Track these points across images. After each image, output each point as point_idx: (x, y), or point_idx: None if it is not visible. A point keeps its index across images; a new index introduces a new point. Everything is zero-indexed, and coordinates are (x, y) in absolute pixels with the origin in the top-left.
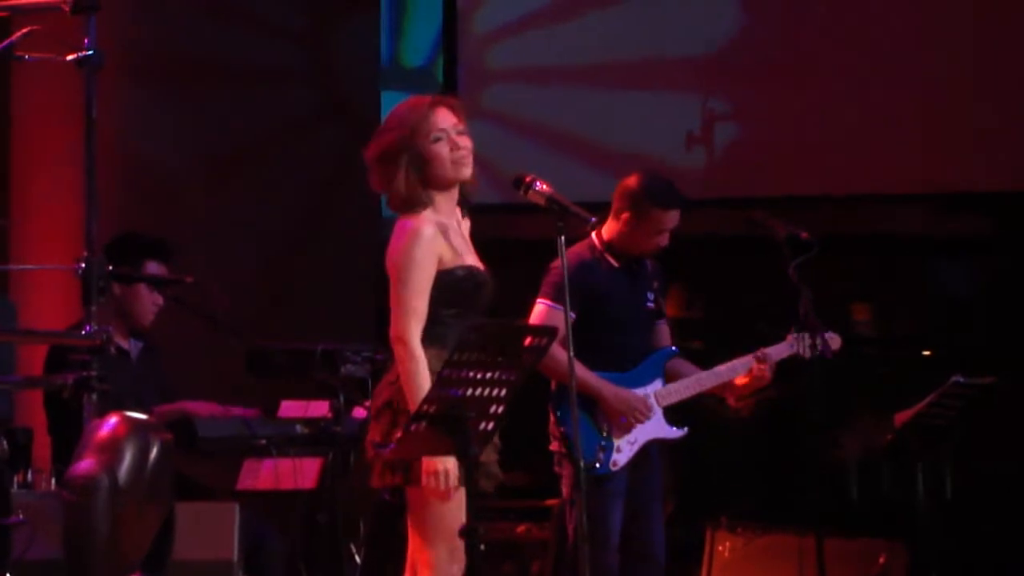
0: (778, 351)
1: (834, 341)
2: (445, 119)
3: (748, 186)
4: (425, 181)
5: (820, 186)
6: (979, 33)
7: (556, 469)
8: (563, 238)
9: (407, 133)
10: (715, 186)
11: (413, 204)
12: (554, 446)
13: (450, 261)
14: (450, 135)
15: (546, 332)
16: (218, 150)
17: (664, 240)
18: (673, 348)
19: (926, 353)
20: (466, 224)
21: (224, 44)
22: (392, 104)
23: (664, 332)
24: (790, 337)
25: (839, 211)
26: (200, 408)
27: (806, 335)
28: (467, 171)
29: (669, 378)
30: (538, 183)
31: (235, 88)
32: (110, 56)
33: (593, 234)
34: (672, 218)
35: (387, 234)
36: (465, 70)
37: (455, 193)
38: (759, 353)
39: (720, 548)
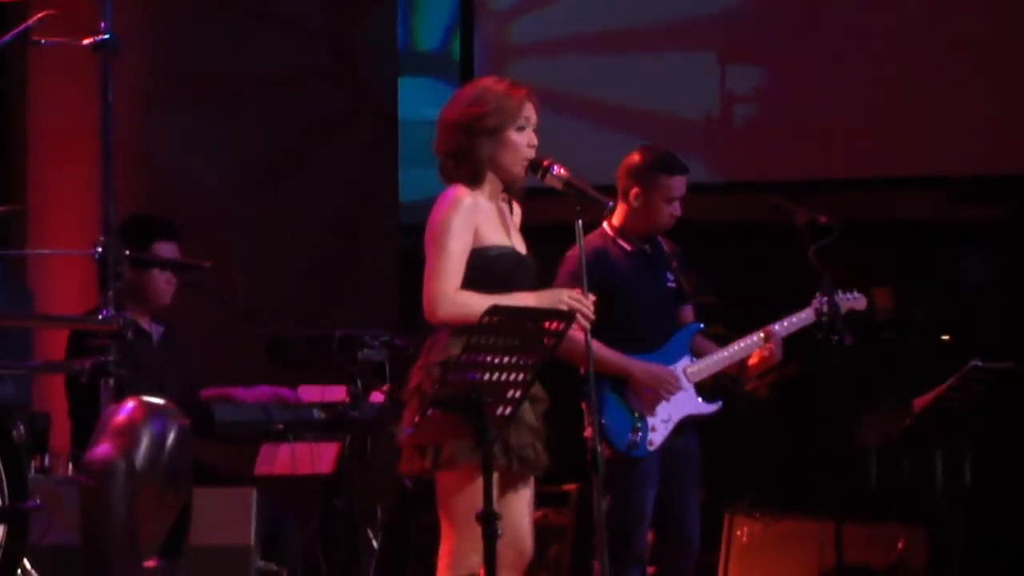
0: (785, 327)
1: (859, 302)
2: (531, 113)
3: (767, 170)
4: (490, 162)
5: (839, 171)
6: (998, 17)
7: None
8: (581, 222)
9: (500, 113)
10: (734, 170)
11: (469, 178)
12: (588, 432)
13: (486, 239)
14: (531, 129)
15: (564, 316)
16: (238, 141)
17: (676, 210)
18: (699, 324)
19: (945, 338)
20: (517, 211)
21: (240, 44)
22: (411, 91)
23: (688, 314)
24: (810, 305)
25: (858, 196)
26: (245, 394)
27: (823, 298)
28: (523, 169)
29: (696, 355)
30: (555, 167)
31: (251, 84)
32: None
33: (605, 222)
34: (679, 184)
35: (406, 220)
36: (484, 49)
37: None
38: (764, 331)
39: (739, 533)
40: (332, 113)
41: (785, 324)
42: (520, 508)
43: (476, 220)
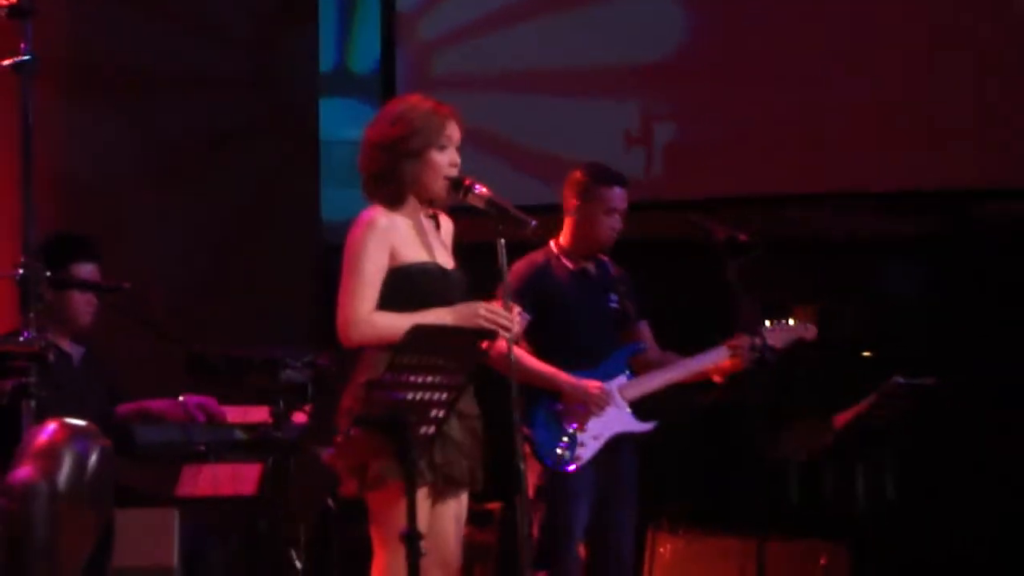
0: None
1: (809, 331)
2: (454, 132)
3: (686, 188)
4: (412, 183)
5: (758, 187)
6: (926, 31)
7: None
8: (503, 241)
9: (420, 133)
10: (654, 188)
11: (389, 197)
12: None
13: (403, 257)
14: (453, 148)
15: (486, 335)
16: (156, 156)
17: (616, 223)
18: (639, 344)
19: (866, 354)
20: (447, 225)
21: (162, 49)
22: (332, 111)
23: (640, 334)
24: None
25: (777, 212)
26: (161, 406)
27: (745, 340)
28: (444, 189)
29: (640, 372)
30: (477, 186)
31: (172, 94)
32: (44, 61)
33: (552, 241)
34: (618, 196)
35: (327, 238)
36: (408, 77)
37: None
38: (731, 344)
39: (661, 550)
40: (253, 130)
41: (714, 353)
42: (447, 525)
43: (392, 240)
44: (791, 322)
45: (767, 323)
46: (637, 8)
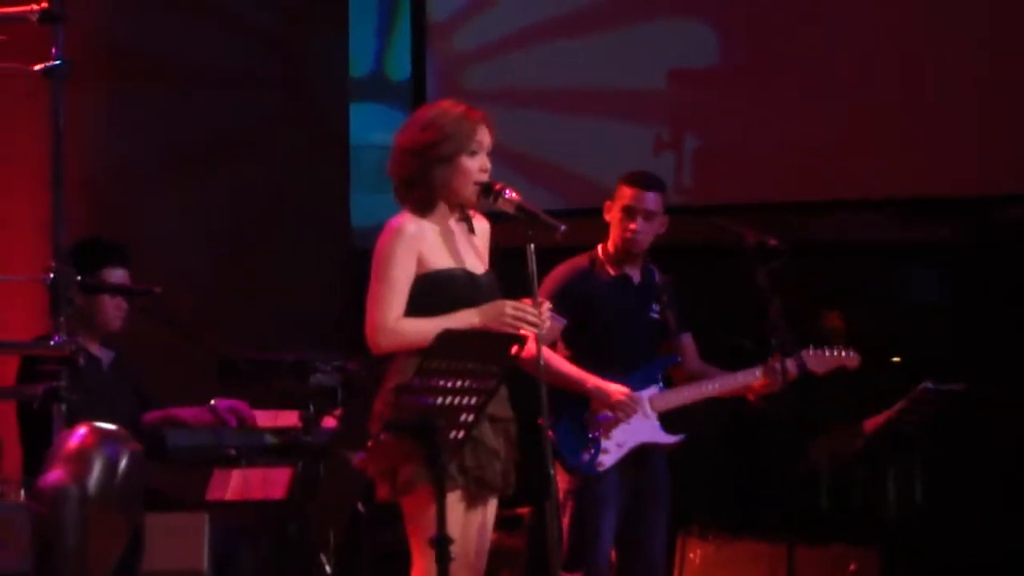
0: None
1: (852, 360)
2: (485, 137)
3: (715, 193)
4: (442, 189)
5: (788, 192)
6: (943, 38)
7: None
8: (532, 246)
9: (451, 138)
10: (684, 193)
11: (419, 203)
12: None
13: (431, 264)
14: (483, 153)
15: (516, 340)
16: (188, 157)
17: (632, 223)
18: (676, 357)
19: (896, 360)
20: (484, 228)
21: (191, 49)
22: (362, 116)
23: (681, 346)
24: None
25: (807, 218)
26: (188, 414)
27: (779, 364)
28: (475, 194)
29: (679, 384)
30: (507, 191)
31: (204, 95)
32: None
33: (599, 246)
34: (638, 196)
35: (357, 243)
36: (439, 87)
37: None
38: (766, 366)
39: (691, 555)
40: (283, 133)
41: (749, 373)
42: (478, 525)
43: (419, 247)
44: (836, 351)
45: (810, 347)
46: (666, 19)
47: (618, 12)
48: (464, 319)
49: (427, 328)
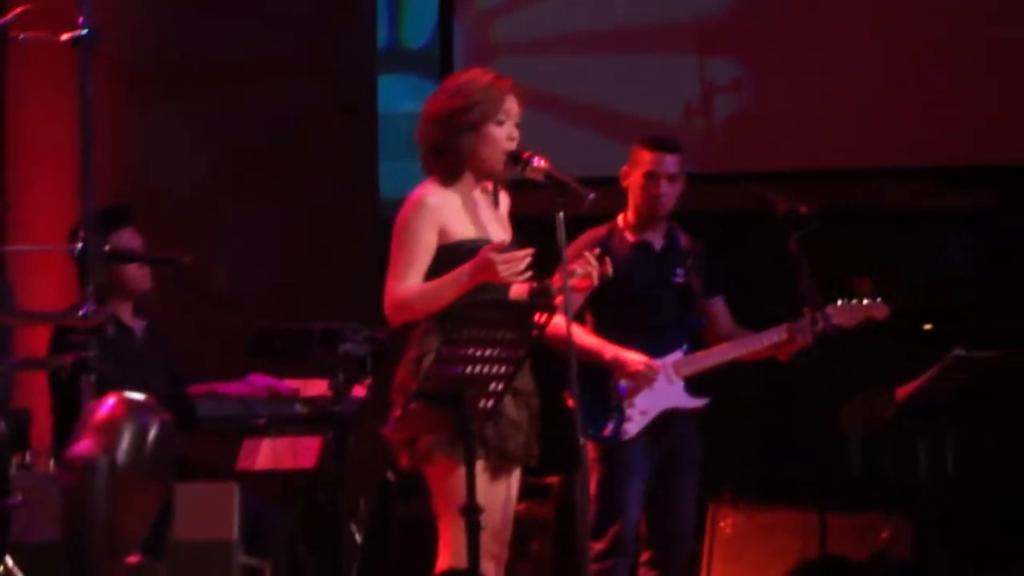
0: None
1: (880, 310)
2: (513, 106)
3: (746, 160)
4: (469, 156)
5: (818, 160)
6: (984, 6)
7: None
8: (562, 214)
9: (481, 107)
10: (714, 160)
11: (447, 171)
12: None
13: (454, 235)
14: (511, 122)
15: (545, 308)
16: (216, 135)
17: (657, 188)
18: (700, 319)
19: (927, 327)
20: (504, 200)
21: (220, 35)
22: (390, 89)
23: (711, 310)
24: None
25: (838, 185)
26: (231, 389)
27: (805, 320)
28: (502, 163)
29: (706, 346)
30: (536, 159)
31: (232, 77)
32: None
33: (621, 215)
34: (658, 160)
35: (386, 213)
36: (467, 46)
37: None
38: (790, 324)
39: (722, 524)
40: (312, 107)
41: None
42: (503, 496)
43: (442, 218)
44: (863, 301)
45: (838, 301)
46: None
47: None
48: (460, 279)
49: (429, 289)
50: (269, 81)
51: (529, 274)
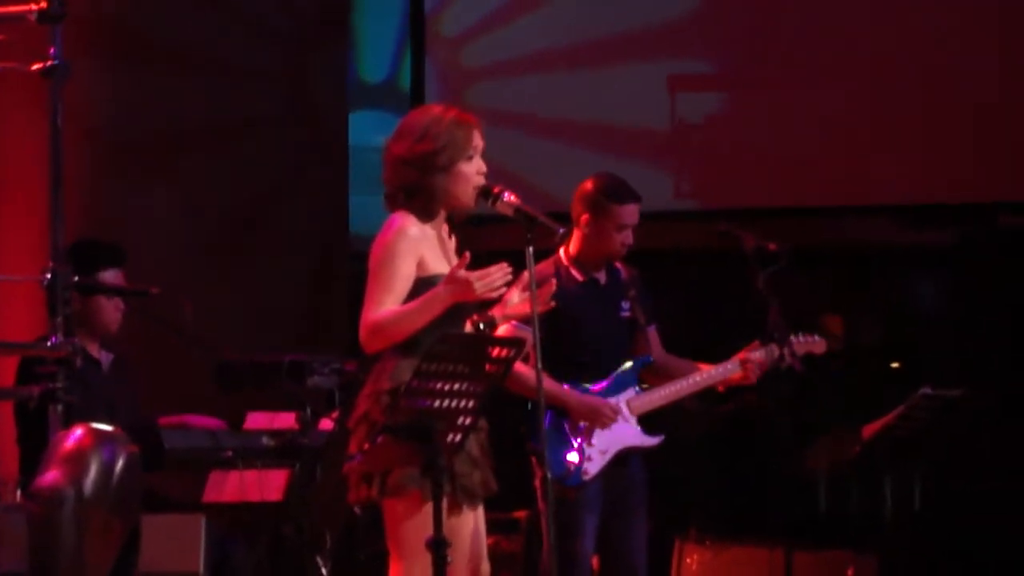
0: (759, 356)
1: (817, 345)
2: (479, 140)
3: (716, 198)
4: (442, 195)
5: (787, 198)
6: (945, 47)
7: (535, 483)
8: (532, 249)
9: (448, 147)
10: (684, 199)
11: (421, 210)
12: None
13: (431, 268)
14: (478, 156)
15: (513, 343)
16: (186, 161)
17: (628, 238)
18: (649, 357)
19: (895, 365)
20: (451, 242)
21: (199, 40)
22: (360, 125)
23: (648, 339)
24: (760, 347)
25: (806, 223)
26: (203, 423)
27: (773, 347)
28: (473, 198)
29: (655, 383)
30: (506, 194)
31: (207, 94)
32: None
33: (560, 249)
34: (630, 212)
35: (355, 248)
36: (439, 75)
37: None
38: (742, 358)
39: (688, 560)
40: (286, 151)
41: (725, 367)
42: (466, 532)
43: (421, 250)
44: (799, 338)
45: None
46: (668, 23)
47: (617, 16)
48: (434, 297)
49: (401, 313)
50: (240, 92)
51: (504, 291)
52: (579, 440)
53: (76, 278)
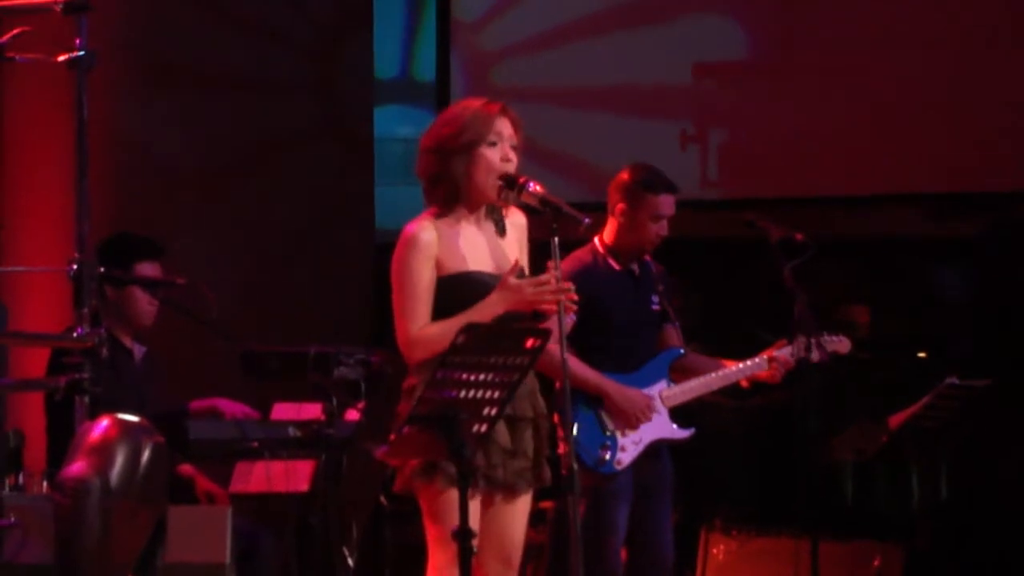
0: (786, 355)
1: (842, 344)
2: (505, 128)
3: (743, 188)
4: (464, 180)
5: (814, 188)
6: (975, 35)
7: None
8: (557, 239)
9: (471, 130)
10: (710, 188)
11: (445, 199)
12: (561, 448)
13: (452, 267)
14: (505, 144)
15: (540, 334)
16: (215, 154)
17: (663, 229)
18: (680, 350)
19: (921, 355)
20: (520, 223)
21: (224, 51)
22: (386, 118)
23: (672, 335)
24: (787, 345)
25: (833, 213)
26: (231, 407)
27: (801, 341)
28: (496, 188)
29: (679, 377)
30: (531, 184)
31: (235, 95)
32: (108, 58)
33: (596, 238)
34: (666, 203)
35: (380, 239)
36: (465, 87)
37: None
38: (770, 356)
39: (714, 551)
40: (309, 128)
41: (753, 363)
42: (504, 521)
43: (435, 252)
44: (824, 338)
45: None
46: (692, 14)
47: (643, 6)
48: (488, 308)
49: (451, 327)
50: (267, 99)
51: (560, 298)
52: (614, 429)
53: (107, 270)
